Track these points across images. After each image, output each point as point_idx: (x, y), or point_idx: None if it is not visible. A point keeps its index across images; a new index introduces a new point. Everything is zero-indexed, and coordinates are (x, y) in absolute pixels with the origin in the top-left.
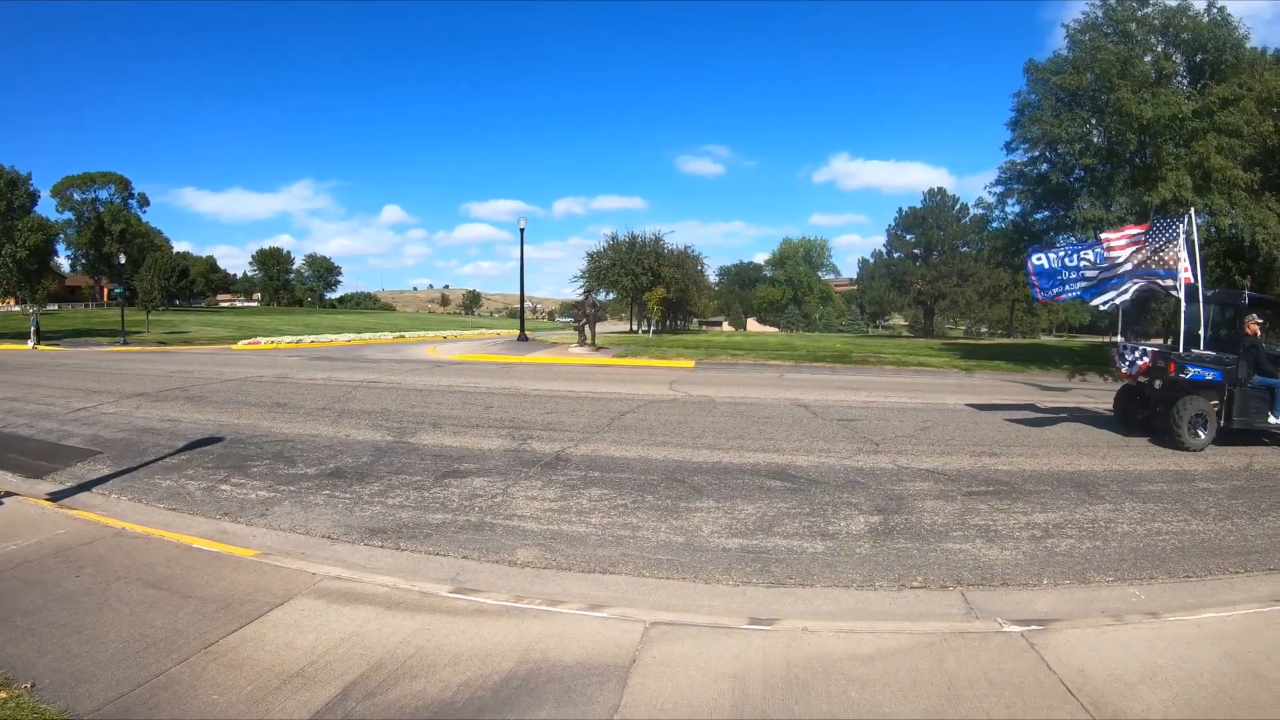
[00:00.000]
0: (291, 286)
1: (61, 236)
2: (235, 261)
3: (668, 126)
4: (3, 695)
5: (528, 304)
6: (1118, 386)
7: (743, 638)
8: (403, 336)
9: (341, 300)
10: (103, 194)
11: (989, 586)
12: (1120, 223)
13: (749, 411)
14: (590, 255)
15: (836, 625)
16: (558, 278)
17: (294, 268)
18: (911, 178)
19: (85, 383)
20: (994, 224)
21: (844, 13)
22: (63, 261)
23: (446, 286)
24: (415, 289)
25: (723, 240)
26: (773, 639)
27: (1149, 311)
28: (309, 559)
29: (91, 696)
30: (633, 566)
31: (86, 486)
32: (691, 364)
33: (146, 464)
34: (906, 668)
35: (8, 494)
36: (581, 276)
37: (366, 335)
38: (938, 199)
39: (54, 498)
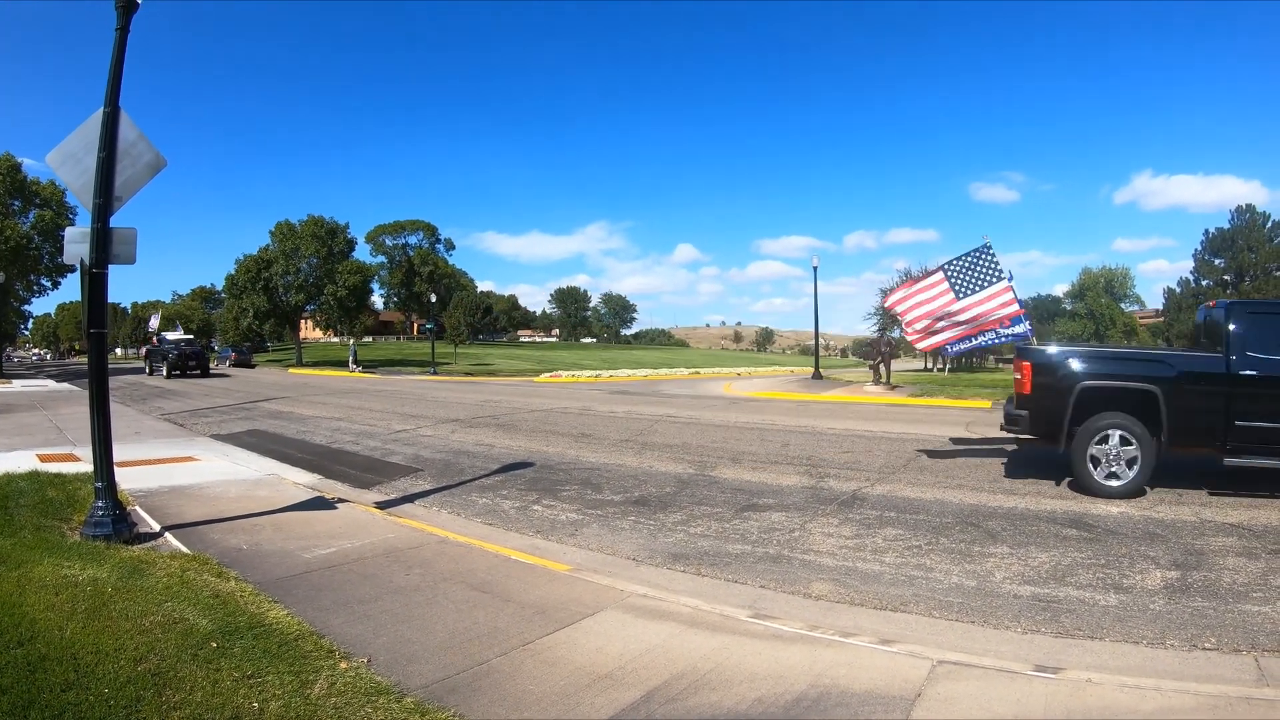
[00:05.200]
0: (588, 322)
1: (376, 277)
2: (535, 299)
3: (960, 154)
4: (344, 666)
5: (820, 341)
6: None
7: (1026, 683)
8: (698, 373)
9: (637, 336)
10: (412, 239)
11: None
12: None
13: (1048, 455)
14: (883, 292)
15: (1121, 680)
16: (850, 314)
17: (591, 305)
18: (1223, 192)
19: (402, 408)
20: None
21: (1134, 11)
22: (377, 299)
23: (739, 323)
24: (708, 325)
25: (1019, 270)
26: (1056, 686)
27: None
28: (616, 577)
29: (421, 675)
30: (923, 606)
31: (410, 499)
32: (988, 404)
33: (464, 482)
34: None
35: (341, 500)
36: (875, 314)
37: (662, 370)
38: (1246, 217)
39: (381, 506)
